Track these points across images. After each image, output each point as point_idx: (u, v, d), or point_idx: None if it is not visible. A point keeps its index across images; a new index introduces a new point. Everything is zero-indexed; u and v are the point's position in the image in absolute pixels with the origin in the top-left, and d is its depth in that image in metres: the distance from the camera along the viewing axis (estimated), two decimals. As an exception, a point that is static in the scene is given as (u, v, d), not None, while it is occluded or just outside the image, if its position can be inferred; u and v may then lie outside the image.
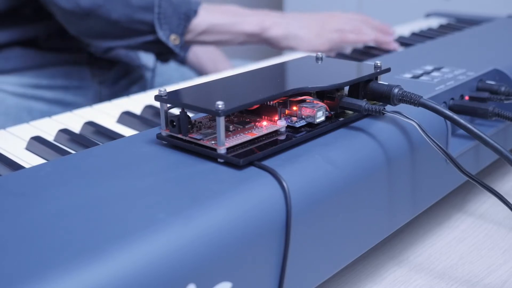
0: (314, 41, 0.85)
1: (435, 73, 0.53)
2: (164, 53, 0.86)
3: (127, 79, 0.98)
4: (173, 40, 0.80)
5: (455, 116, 0.38)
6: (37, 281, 0.23)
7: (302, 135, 0.37)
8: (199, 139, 0.35)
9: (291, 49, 0.87)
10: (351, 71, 0.42)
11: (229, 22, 0.84)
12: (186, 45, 0.85)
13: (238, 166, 0.33)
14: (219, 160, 0.34)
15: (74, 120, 0.57)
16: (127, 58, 0.96)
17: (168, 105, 0.36)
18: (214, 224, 0.29)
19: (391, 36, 0.86)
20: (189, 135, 0.35)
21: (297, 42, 0.85)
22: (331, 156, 0.36)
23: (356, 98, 0.41)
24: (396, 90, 0.40)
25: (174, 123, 0.36)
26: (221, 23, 0.83)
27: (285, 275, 0.32)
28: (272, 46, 0.87)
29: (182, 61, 1.10)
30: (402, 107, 0.40)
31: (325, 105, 0.39)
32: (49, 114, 0.84)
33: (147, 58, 1.06)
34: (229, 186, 0.31)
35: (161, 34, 0.79)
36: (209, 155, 0.34)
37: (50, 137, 0.52)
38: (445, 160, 0.44)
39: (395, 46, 0.84)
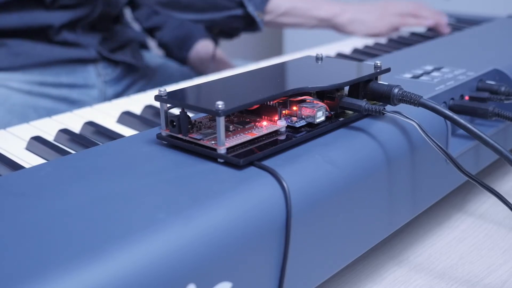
0: (377, 24, 0.93)
1: (435, 73, 0.53)
2: (239, 29, 0.93)
3: (131, 79, 0.99)
4: (258, 16, 0.88)
5: (455, 116, 0.38)
6: (37, 281, 0.23)
7: (302, 135, 0.37)
8: (199, 139, 0.35)
9: (355, 33, 0.95)
10: (351, 71, 0.42)
11: (306, 7, 0.92)
12: (265, 26, 0.94)
13: (238, 166, 0.33)
14: (219, 160, 0.34)
15: (74, 120, 0.57)
16: (132, 59, 0.96)
17: (168, 105, 0.36)
18: (214, 224, 0.29)
19: (446, 20, 0.94)
20: (189, 135, 0.35)
21: (361, 26, 0.94)
22: (331, 156, 0.36)
23: (356, 98, 0.41)
24: (396, 90, 0.40)
25: (174, 123, 0.36)
26: (299, 7, 0.92)
27: (285, 275, 0.32)
28: (338, 31, 0.96)
29: (183, 61, 1.10)
30: (402, 107, 0.40)
31: (325, 105, 0.39)
32: (55, 111, 0.85)
33: (150, 59, 1.06)
34: (229, 186, 0.31)
35: (251, 9, 0.86)
36: (209, 155, 0.34)
37: (50, 137, 0.52)
38: (445, 160, 0.44)
39: (449, 30, 0.92)
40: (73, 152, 0.48)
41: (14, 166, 0.45)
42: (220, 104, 0.33)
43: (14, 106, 0.84)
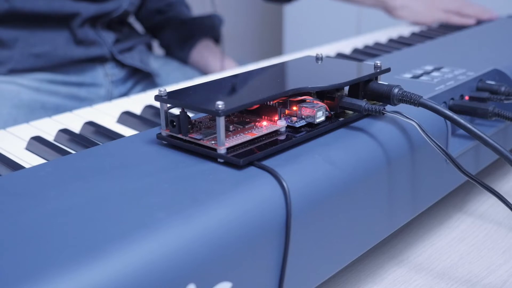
0: (424, 15, 1.04)
1: (435, 73, 0.53)
2: None
3: (135, 80, 0.99)
4: None
5: (455, 116, 0.38)
6: (37, 281, 0.23)
7: (302, 135, 0.37)
8: (199, 139, 0.35)
9: (403, 18, 1.07)
10: (351, 71, 0.42)
11: None
12: None
13: (238, 166, 0.33)
14: (219, 160, 0.34)
15: (74, 120, 0.57)
16: (140, 63, 0.97)
17: (168, 105, 0.36)
18: (214, 224, 0.29)
19: (491, 15, 1.01)
20: (189, 135, 0.35)
21: (410, 13, 1.05)
22: (331, 156, 0.36)
23: (356, 98, 0.41)
24: (396, 90, 0.40)
25: (174, 123, 0.36)
26: None
27: (285, 275, 0.32)
28: (389, 13, 1.09)
29: (185, 61, 1.10)
30: (402, 107, 0.40)
31: (325, 105, 0.39)
32: (63, 108, 0.86)
33: (153, 59, 1.06)
34: (229, 186, 0.31)
35: None
36: (209, 155, 0.34)
37: (50, 137, 0.52)
38: (445, 160, 0.44)
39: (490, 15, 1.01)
40: (73, 152, 0.48)
41: (14, 166, 0.45)
42: (220, 104, 0.33)
43: (22, 102, 0.84)
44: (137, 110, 0.59)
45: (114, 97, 0.95)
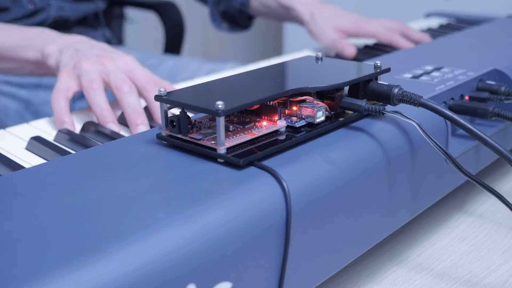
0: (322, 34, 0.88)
1: (435, 73, 0.53)
2: None
3: None
4: None
5: (455, 116, 0.38)
6: (37, 281, 0.23)
7: (302, 135, 0.37)
8: (199, 139, 0.35)
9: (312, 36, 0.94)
10: (351, 71, 0.42)
11: None
12: None
13: (238, 166, 0.33)
14: (219, 160, 0.34)
15: (75, 120, 0.57)
16: None
17: (168, 105, 0.36)
18: (214, 224, 0.29)
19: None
20: (189, 135, 0.35)
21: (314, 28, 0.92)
22: (331, 156, 0.36)
23: (356, 98, 0.41)
24: (396, 90, 0.40)
25: (174, 123, 0.36)
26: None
27: (285, 275, 0.32)
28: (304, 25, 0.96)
29: None
30: (402, 107, 0.40)
31: (325, 105, 0.39)
32: (23, 116, 0.83)
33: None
34: (229, 186, 0.31)
35: None
36: (209, 155, 0.34)
37: (50, 137, 0.52)
38: (445, 160, 0.44)
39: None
40: (73, 152, 0.48)
41: (14, 166, 0.45)
42: (220, 104, 0.33)
43: None
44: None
45: (76, 98, 0.89)
